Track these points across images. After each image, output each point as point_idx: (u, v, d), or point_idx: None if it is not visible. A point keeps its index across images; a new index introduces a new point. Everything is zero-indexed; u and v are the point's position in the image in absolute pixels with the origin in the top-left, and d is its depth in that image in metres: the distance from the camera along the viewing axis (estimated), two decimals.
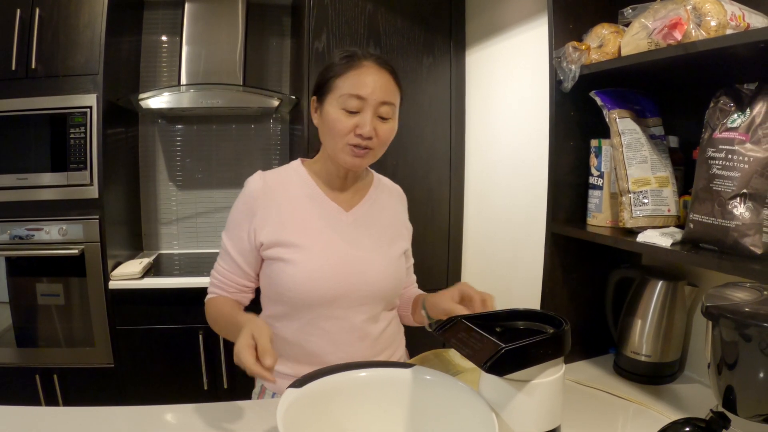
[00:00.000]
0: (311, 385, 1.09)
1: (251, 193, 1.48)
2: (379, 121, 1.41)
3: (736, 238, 1.19)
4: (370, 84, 1.38)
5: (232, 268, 1.51)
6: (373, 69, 1.40)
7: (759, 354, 0.88)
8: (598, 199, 1.61)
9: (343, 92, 1.38)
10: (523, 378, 0.98)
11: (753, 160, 1.18)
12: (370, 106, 1.38)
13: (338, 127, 1.38)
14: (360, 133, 1.38)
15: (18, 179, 2.66)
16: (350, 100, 1.37)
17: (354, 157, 1.42)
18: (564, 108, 1.64)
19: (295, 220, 1.45)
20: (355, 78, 1.38)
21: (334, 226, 1.49)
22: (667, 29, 1.27)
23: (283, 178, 1.51)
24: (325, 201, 1.50)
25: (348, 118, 1.38)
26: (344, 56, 1.42)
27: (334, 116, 1.39)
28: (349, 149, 1.40)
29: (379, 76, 1.40)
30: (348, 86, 1.38)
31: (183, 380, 2.84)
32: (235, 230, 1.49)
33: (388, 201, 1.64)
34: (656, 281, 1.59)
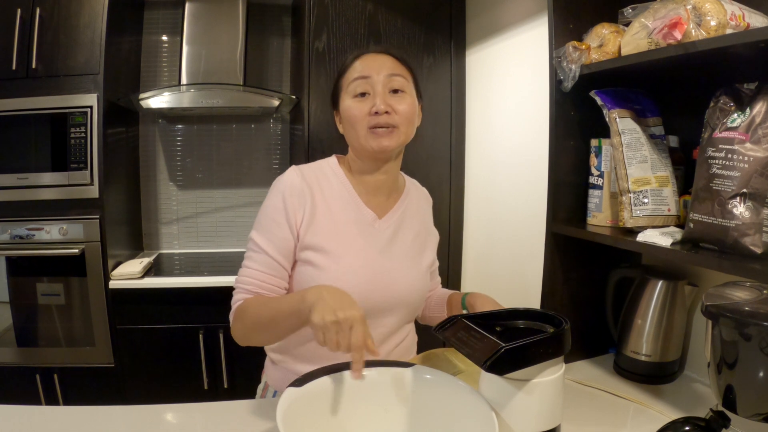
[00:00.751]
0: (311, 384, 1.09)
1: (291, 187, 1.39)
2: (393, 97, 1.38)
3: (736, 237, 1.19)
4: (371, 64, 1.39)
5: (272, 269, 1.38)
6: (369, 55, 1.42)
7: (759, 353, 0.88)
8: (598, 198, 1.61)
9: (349, 81, 1.39)
10: (523, 377, 0.99)
11: (753, 159, 1.18)
12: (378, 82, 1.37)
13: (354, 113, 1.37)
14: (375, 111, 1.35)
15: (18, 179, 2.67)
16: (355, 84, 1.38)
17: (378, 138, 1.37)
18: (564, 107, 1.64)
19: (330, 223, 1.40)
20: (355, 66, 1.40)
21: (367, 234, 1.44)
22: (667, 29, 1.27)
23: (319, 175, 1.45)
24: (359, 205, 1.45)
25: (361, 103, 1.37)
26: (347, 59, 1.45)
27: (348, 105, 1.39)
28: (370, 133, 1.37)
29: (377, 57, 1.41)
30: (352, 74, 1.39)
31: (183, 380, 2.84)
32: (274, 229, 1.38)
33: (417, 206, 1.60)
34: (656, 281, 1.59)
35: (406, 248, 1.49)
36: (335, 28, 2.75)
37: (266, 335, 1.35)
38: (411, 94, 1.43)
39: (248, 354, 1.67)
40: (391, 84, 1.38)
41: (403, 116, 1.38)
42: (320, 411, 1.09)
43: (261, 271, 1.37)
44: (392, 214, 1.50)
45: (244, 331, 1.34)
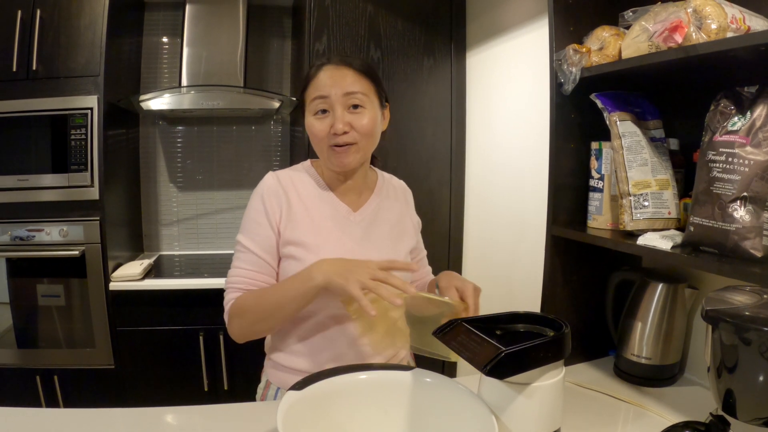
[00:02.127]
0: (312, 388, 1.09)
1: (268, 189, 1.45)
2: (352, 114, 1.41)
3: (736, 241, 1.19)
4: (328, 81, 1.39)
5: (259, 266, 1.43)
6: (330, 69, 1.42)
7: (759, 358, 0.88)
8: (598, 201, 1.61)
9: (309, 100, 1.42)
10: (523, 381, 0.99)
11: (753, 163, 1.18)
12: (336, 102, 1.39)
13: (314, 132, 1.41)
14: (334, 132, 1.38)
15: (19, 180, 2.66)
16: (315, 103, 1.40)
17: (339, 156, 1.42)
18: (564, 110, 1.64)
19: (306, 219, 1.45)
20: (316, 82, 1.42)
21: (343, 226, 1.49)
22: (668, 32, 1.27)
23: (294, 177, 1.51)
24: (334, 201, 1.50)
25: (321, 122, 1.40)
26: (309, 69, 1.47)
27: (310, 123, 1.42)
28: (331, 151, 1.42)
29: (336, 71, 1.41)
30: (311, 92, 1.42)
31: (183, 382, 2.84)
32: (256, 229, 1.44)
33: (394, 199, 1.63)
34: (656, 284, 1.59)
35: (384, 238, 1.54)
36: (335, 30, 2.75)
37: (269, 323, 1.39)
38: (371, 107, 1.44)
39: (248, 356, 1.67)
40: (349, 102, 1.40)
41: (362, 132, 1.42)
42: (320, 414, 1.09)
43: (250, 269, 1.43)
44: (366, 207, 1.55)
45: (243, 326, 1.39)
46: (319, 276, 1.24)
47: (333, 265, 1.26)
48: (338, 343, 1.45)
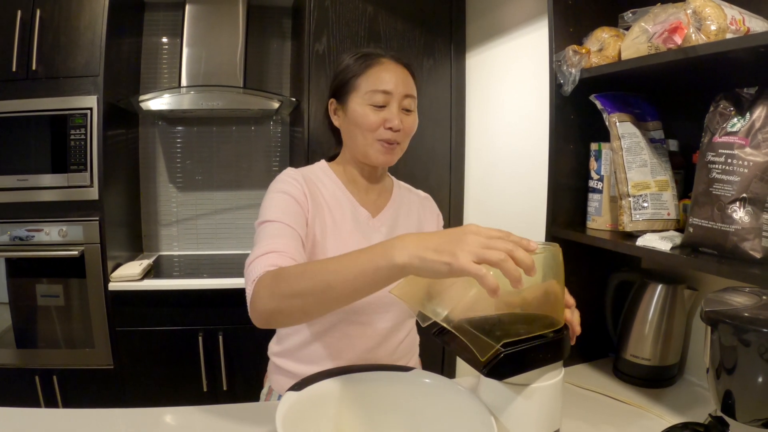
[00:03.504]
0: (311, 388, 1.09)
1: (294, 179, 1.40)
2: (403, 114, 1.43)
3: (735, 242, 1.19)
4: (393, 79, 1.41)
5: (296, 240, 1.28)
6: (392, 65, 1.44)
7: (758, 359, 0.88)
8: (597, 202, 1.61)
9: (368, 89, 1.40)
10: (522, 382, 0.99)
11: (753, 164, 1.18)
12: (396, 100, 1.41)
13: (368, 122, 1.40)
14: (390, 127, 1.40)
15: (18, 180, 2.66)
16: (376, 95, 1.39)
17: (385, 154, 1.44)
18: (564, 111, 1.64)
19: (329, 218, 1.44)
20: (378, 74, 1.41)
21: (364, 230, 1.48)
22: (668, 33, 1.27)
23: (313, 176, 1.49)
24: (354, 204, 1.49)
25: (376, 113, 1.40)
26: (361, 56, 1.45)
27: (362, 112, 1.40)
28: (379, 145, 1.42)
29: (399, 70, 1.44)
30: (372, 83, 1.40)
31: (182, 382, 2.84)
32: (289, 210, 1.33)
33: (413, 206, 1.63)
34: (656, 285, 1.60)
35: None
36: (335, 31, 2.75)
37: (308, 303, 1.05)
38: (416, 111, 1.48)
39: (248, 356, 1.67)
40: (404, 104, 1.43)
41: (407, 132, 1.45)
42: (319, 415, 1.09)
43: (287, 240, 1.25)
44: (385, 212, 1.54)
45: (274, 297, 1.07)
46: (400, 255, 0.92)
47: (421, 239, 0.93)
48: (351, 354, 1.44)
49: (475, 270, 0.84)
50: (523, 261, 0.87)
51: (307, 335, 1.44)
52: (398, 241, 0.94)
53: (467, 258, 0.85)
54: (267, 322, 1.13)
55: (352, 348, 1.44)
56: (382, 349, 1.47)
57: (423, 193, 1.73)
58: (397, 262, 0.91)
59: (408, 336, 1.55)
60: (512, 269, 0.85)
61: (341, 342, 1.43)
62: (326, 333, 1.43)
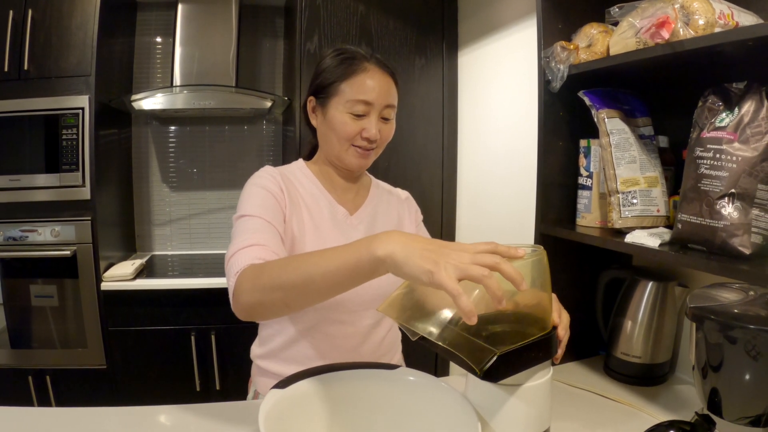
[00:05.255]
0: (295, 387, 1.08)
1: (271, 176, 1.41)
2: (381, 122, 1.42)
3: (724, 238, 1.18)
4: (376, 89, 1.39)
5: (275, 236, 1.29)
6: (377, 73, 1.41)
7: (744, 356, 0.87)
8: (587, 199, 1.61)
9: (350, 97, 1.38)
10: (509, 382, 0.97)
11: (741, 159, 1.18)
12: (376, 110, 1.40)
13: (347, 130, 1.39)
14: (367, 137, 1.39)
15: (10, 180, 2.66)
16: (357, 105, 1.38)
17: (359, 158, 1.44)
18: (553, 108, 1.64)
19: (307, 217, 1.43)
20: (362, 83, 1.38)
21: (342, 228, 1.47)
22: (655, 28, 1.26)
23: (291, 174, 1.49)
24: (332, 203, 1.49)
25: (355, 122, 1.39)
26: (344, 57, 1.42)
27: (341, 120, 1.39)
28: (354, 150, 1.42)
29: (383, 79, 1.41)
30: (355, 91, 1.38)
31: (175, 382, 2.83)
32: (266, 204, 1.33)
33: (392, 205, 1.63)
34: (646, 282, 1.59)
35: None
36: (327, 30, 2.75)
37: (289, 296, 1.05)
38: (394, 118, 1.47)
39: (240, 356, 1.66)
40: (383, 113, 1.42)
41: (383, 139, 1.46)
42: (304, 413, 1.08)
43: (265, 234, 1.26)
44: (363, 210, 1.54)
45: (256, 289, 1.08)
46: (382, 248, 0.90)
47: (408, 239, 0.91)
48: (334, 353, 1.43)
49: (452, 288, 0.80)
50: (511, 275, 0.84)
51: (289, 336, 1.43)
52: (383, 236, 0.92)
53: (450, 272, 0.82)
54: (249, 314, 1.13)
55: (335, 347, 1.43)
56: (365, 346, 1.47)
57: (404, 192, 1.72)
58: (378, 254, 0.90)
59: (390, 332, 1.55)
60: (495, 287, 0.81)
61: (324, 342, 1.43)
62: (308, 333, 1.42)
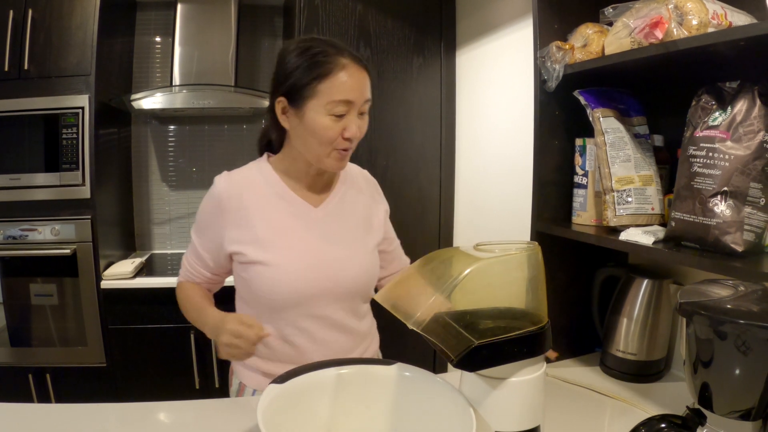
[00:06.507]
0: (293, 381, 1.09)
1: (218, 195, 1.44)
2: (359, 118, 1.38)
3: (717, 235, 1.20)
4: (357, 86, 1.34)
5: (201, 263, 1.53)
6: (354, 68, 1.34)
7: (734, 351, 0.88)
8: (582, 197, 1.62)
9: (330, 98, 1.31)
10: (500, 375, 0.99)
11: (734, 158, 1.19)
12: (356, 108, 1.35)
13: (329, 134, 1.34)
14: (348, 137, 1.35)
15: (11, 179, 2.67)
16: (339, 106, 1.32)
17: (340, 161, 1.40)
18: (549, 107, 1.65)
19: (266, 220, 1.42)
20: (341, 82, 1.32)
21: (306, 223, 1.46)
22: (649, 28, 1.28)
23: (248, 177, 1.48)
24: (293, 198, 1.46)
25: (336, 123, 1.33)
26: (316, 54, 1.34)
27: (322, 124, 1.33)
28: (335, 153, 1.37)
29: (360, 74, 1.35)
30: (335, 92, 1.31)
31: (175, 379, 2.84)
32: (204, 230, 1.49)
33: (358, 191, 1.59)
34: (642, 280, 1.60)
35: (348, 232, 1.51)
36: (325, 29, 2.75)
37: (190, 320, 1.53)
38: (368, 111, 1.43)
39: None
40: (362, 108, 1.38)
41: (361, 135, 1.40)
42: (302, 407, 1.09)
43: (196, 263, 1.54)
44: (328, 202, 1.51)
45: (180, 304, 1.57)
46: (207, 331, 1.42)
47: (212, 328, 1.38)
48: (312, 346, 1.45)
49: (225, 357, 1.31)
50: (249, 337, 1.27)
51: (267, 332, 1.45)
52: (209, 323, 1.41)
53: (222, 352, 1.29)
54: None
55: (314, 341, 1.44)
56: (346, 336, 1.49)
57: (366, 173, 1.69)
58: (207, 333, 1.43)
59: (365, 319, 1.57)
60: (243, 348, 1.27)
61: (302, 338, 1.44)
62: (283, 329, 1.44)
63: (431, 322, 0.99)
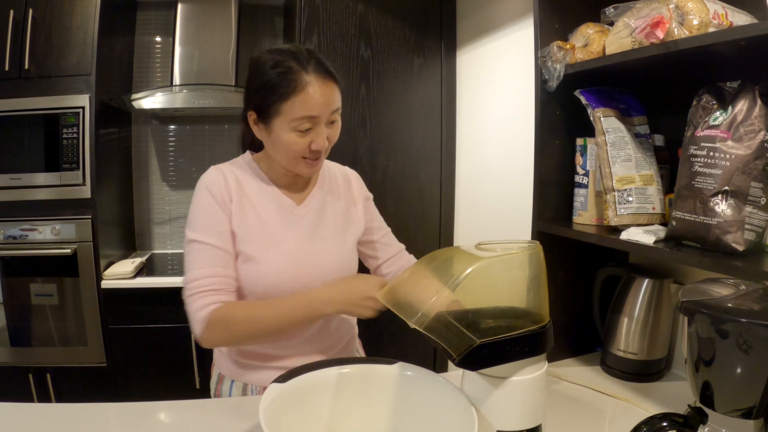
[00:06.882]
0: (295, 381, 1.10)
1: (214, 181, 1.42)
2: (328, 128, 1.38)
3: (717, 235, 1.20)
4: (320, 101, 1.33)
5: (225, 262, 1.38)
6: (317, 84, 1.32)
7: (735, 350, 0.88)
8: (583, 197, 1.62)
9: (295, 116, 1.32)
10: (501, 374, 0.99)
11: (734, 157, 1.19)
12: (322, 121, 1.35)
13: (295, 149, 1.36)
14: (316, 149, 1.36)
15: (11, 179, 2.67)
16: (303, 123, 1.32)
17: (309, 168, 1.41)
18: (550, 107, 1.65)
19: (253, 214, 1.44)
20: (303, 100, 1.31)
21: (290, 221, 1.48)
22: (650, 28, 1.28)
23: (236, 171, 1.47)
24: (278, 195, 1.48)
25: (302, 138, 1.34)
26: (281, 72, 1.32)
27: (287, 140, 1.34)
28: (303, 162, 1.39)
29: (325, 89, 1.34)
30: (298, 110, 1.31)
31: (175, 379, 2.85)
32: (212, 222, 1.40)
33: (339, 187, 1.62)
34: (642, 279, 1.60)
35: (330, 230, 1.54)
36: (326, 29, 2.76)
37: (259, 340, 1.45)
38: (339, 118, 1.43)
39: None
40: (331, 117, 1.38)
41: (331, 144, 1.42)
42: (303, 407, 1.09)
43: (217, 266, 1.37)
44: (310, 199, 1.53)
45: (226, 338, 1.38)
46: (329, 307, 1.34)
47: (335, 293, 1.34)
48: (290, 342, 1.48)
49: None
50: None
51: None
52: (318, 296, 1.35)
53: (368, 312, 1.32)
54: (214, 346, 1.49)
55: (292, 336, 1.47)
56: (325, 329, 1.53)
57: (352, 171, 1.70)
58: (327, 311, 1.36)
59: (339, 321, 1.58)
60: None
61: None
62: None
63: (433, 321, 1.00)
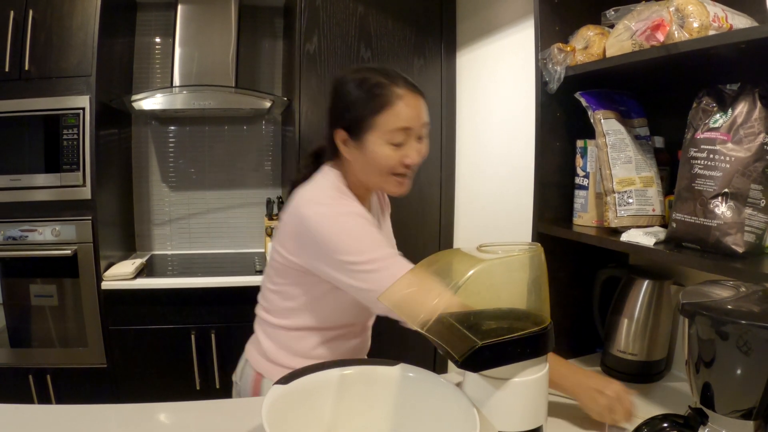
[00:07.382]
0: (297, 382, 1.09)
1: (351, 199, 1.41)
2: (418, 143, 1.41)
3: (717, 237, 1.20)
4: (414, 114, 1.36)
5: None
6: (410, 96, 1.36)
7: (735, 351, 0.89)
8: (583, 199, 1.62)
9: (389, 128, 1.34)
10: (504, 376, 0.99)
11: (734, 159, 1.20)
12: (415, 134, 1.38)
13: (389, 163, 1.36)
14: (408, 163, 1.37)
15: (11, 180, 2.67)
16: (397, 135, 1.35)
17: (401, 185, 1.42)
18: (550, 109, 1.65)
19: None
20: (398, 112, 1.34)
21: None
22: (650, 30, 1.29)
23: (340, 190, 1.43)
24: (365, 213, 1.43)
25: (396, 152, 1.36)
26: (372, 87, 1.36)
27: (382, 153, 1.36)
28: (394, 180, 1.40)
29: (416, 102, 1.38)
30: (393, 121, 1.34)
31: (176, 380, 2.84)
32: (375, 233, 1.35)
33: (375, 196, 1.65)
34: (642, 280, 1.61)
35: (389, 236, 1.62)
36: (326, 30, 2.76)
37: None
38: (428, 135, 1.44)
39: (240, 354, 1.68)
40: (421, 132, 1.40)
41: (422, 159, 1.42)
42: (306, 408, 1.09)
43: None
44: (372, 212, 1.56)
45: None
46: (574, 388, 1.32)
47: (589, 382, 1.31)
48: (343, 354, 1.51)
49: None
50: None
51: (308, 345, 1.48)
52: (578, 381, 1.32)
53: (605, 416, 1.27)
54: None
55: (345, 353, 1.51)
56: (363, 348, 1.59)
57: None
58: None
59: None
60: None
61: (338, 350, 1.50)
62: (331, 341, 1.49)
63: (435, 323, 1.00)
